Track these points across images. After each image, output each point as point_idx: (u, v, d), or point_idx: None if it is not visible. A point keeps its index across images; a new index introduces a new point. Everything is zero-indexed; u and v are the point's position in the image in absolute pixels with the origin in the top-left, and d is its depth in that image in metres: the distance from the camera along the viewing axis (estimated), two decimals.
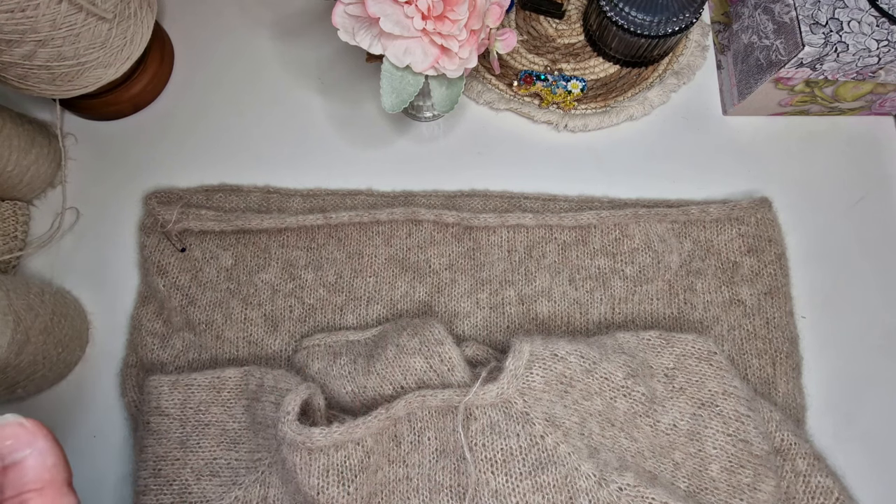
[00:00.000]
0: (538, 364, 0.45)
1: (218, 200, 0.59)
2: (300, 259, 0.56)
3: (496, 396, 0.44)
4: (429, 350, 0.47)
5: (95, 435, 0.53)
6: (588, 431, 0.45)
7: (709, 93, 0.62)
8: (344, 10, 0.44)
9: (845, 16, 0.50)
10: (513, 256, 0.56)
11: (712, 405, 0.47)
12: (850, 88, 0.56)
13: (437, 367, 0.46)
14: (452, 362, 0.46)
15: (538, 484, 0.43)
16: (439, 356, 0.46)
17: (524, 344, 0.45)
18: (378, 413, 0.44)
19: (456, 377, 0.46)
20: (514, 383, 0.44)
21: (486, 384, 0.44)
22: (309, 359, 0.51)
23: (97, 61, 0.53)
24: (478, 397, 0.44)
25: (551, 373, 0.45)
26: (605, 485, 0.43)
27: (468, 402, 0.44)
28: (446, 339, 0.47)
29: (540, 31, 0.63)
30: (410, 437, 0.46)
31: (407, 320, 0.52)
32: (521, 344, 0.45)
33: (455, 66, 0.45)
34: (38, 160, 0.57)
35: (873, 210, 0.58)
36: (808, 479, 0.48)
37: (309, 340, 0.52)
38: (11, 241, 0.56)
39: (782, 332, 0.54)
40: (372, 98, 0.62)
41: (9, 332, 0.45)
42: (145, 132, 0.61)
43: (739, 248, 0.56)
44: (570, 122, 0.60)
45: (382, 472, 0.46)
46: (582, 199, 0.58)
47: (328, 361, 0.50)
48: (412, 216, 0.56)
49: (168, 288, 0.55)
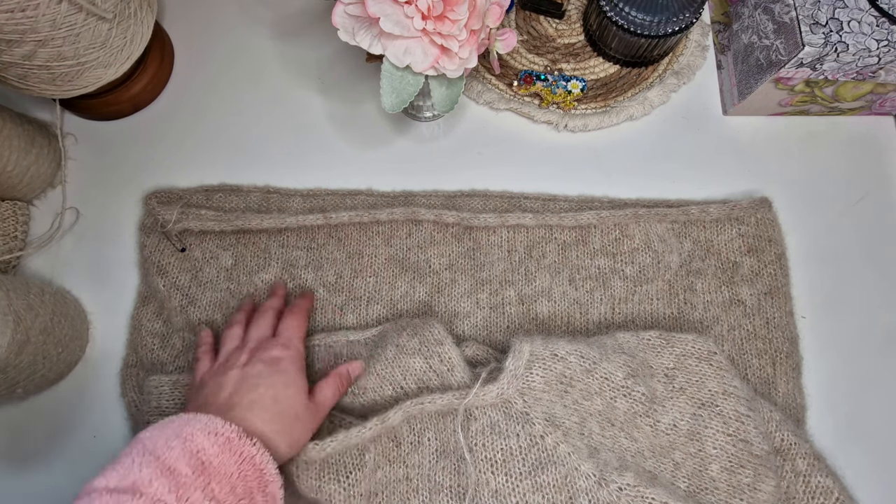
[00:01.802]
0: (538, 364, 0.45)
1: (218, 200, 0.59)
2: (300, 259, 0.56)
3: (496, 397, 0.44)
4: (428, 350, 0.47)
5: (95, 435, 0.53)
6: (588, 431, 0.45)
7: (709, 93, 0.62)
8: (344, 10, 0.44)
9: (845, 16, 0.50)
10: (513, 256, 0.56)
11: (712, 405, 0.47)
12: (850, 88, 0.56)
13: (436, 367, 0.46)
14: (452, 362, 0.46)
15: (538, 484, 0.43)
16: (439, 356, 0.46)
17: (524, 344, 0.45)
18: (373, 424, 0.44)
19: (455, 377, 0.46)
20: (514, 383, 0.44)
21: (486, 385, 0.44)
22: (309, 357, 0.51)
23: (97, 61, 0.53)
24: (478, 398, 0.44)
25: (551, 373, 0.45)
26: (605, 485, 0.42)
27: (468, 403, 0.44)
28: (446, 340, 0.47)
29: (540, 31, 0.63)
30: (410, 438, 0.46)
31: (407, 320, 0.52)
32: (521, 344, 0.45)
33: (455, 66, 0.45)
34: (38, 160, 0.57)
35: (873, 210, 0.58)
36: (808, 479, 0.48)
37: (309, 340, 0.52)
38: (11, 241, 0.56)
39: (782, 332, 0.54)
40: (372, 98, 0.62)
41: (9, 332, 0.45)
42: (145, 132, 0.61)
43: (739, 248, 0.56)
44: (570, 122, 0.60)
45: (382, 472, 0.46)
46: (582, 199, 0.58)
47: (329, 361, 0.50)
48: (412, 216, 0.56)
49: (168, 288, 0.55)
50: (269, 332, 0.46)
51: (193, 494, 0.33)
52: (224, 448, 0.35)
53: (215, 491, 0.34)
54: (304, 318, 0.48)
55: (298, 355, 0.44)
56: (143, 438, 0.35)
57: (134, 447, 0.35)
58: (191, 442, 0.35)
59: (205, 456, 0.34)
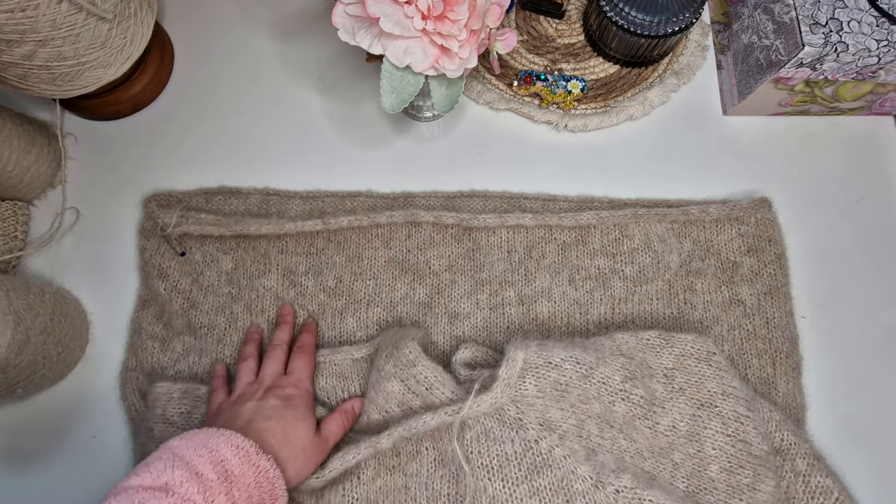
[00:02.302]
0: (531, 373, 0.45)
1: (217, 203, 0.58)
2: (300, 265, 0.56)
3: (490, 406, 0.44)
4: (403, 373, 0.47)
5: (95, 435, 0.53)
6: (586, 433, 0.45)
7: (709, 93, 0.62)
8: (344, 10, 0.44)
9: (845, 16, 0.50)
10: (512, 257, 0.56)
11: (711, 406, 0.47)
12: (850, 88, 0.56)
13: (414, 388, 0.46)
14: (429, 381, 0.46)
15: (534, 488, 0.43)
16: (414, 378, 0.46)
17: (518, 352, 0.45)
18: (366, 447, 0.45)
19: (436, 395, 0.46)
20: (506, 392, 0.44)
21: (480, 395, 0.44)
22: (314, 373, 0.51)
23: (97, 61, 0.53)
24: (472, 409, 0.44)
25: (545, 381, 0.45)
26: (602, 487, 0.43)
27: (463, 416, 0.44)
28: (419, 359, 0.47)
29: (540, 31, 0.63)
30: (409, 448, 0.47)
31: (391, 334, 0.51)
32: (516, 352, 0.45)
33: (455, 66, 0.45)
34: (38, 160, 0.57)
35: (873, 210, 0.58)
36: (808, 479, 0.48)
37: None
38: (11, 241, 0.56)
39: (782, 332, 0.54)
40: (372, 98, 0.62)
41: (9, 332, 0.45)
42: (145, 132, 0.61)
43: (739, 248, 0.56)
44: (570, 122, 0.60)
45: (382, 481, 0.46)
46: (581, 199, 0.58)
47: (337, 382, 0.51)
48: (411, 218, 0.56)
49: (169, 291, 0.55)
50: (281, 368, 0.50)
51: (218, 497, 0.37)
52: (244, 460, 0.39)
53: (236, 496, 0.38)
54: (312, 357, 0.51)
55: (308, 394, 0.48)
56: (172, 446, 0.39)
57: (164, 452, 0.39)
58: (216, 452, 0.39)
59: (228, 465, 0.39)
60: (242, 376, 0.49)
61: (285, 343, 0.52)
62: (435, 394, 0.46)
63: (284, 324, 0.54)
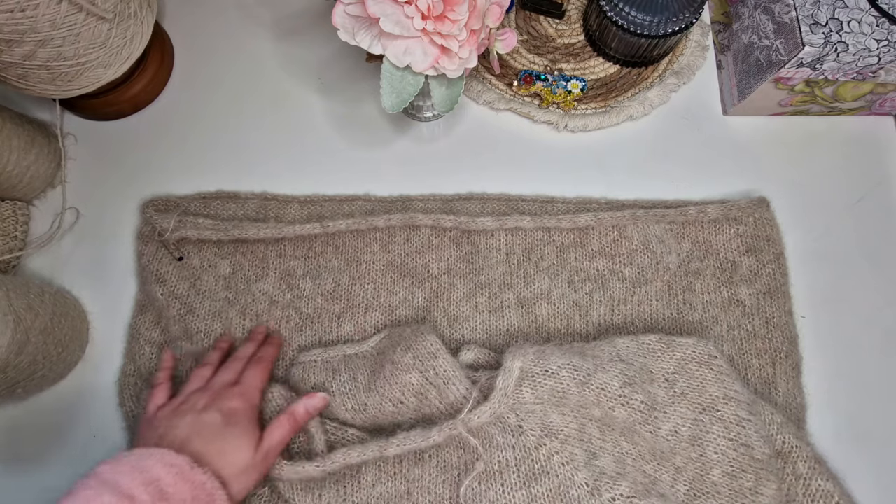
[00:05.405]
0: (528, 382, 0.45)
1: (216, 208, 0.58)
2: (298, 269, 0.56)
3: (490, 416, 0.44)
4: (423, 365, 0.47)
5: (95, 435, 0.53)
6: (588, 437, 0.45)
7: (709, 93, 0.62)
8: (344, 10, 0.44)
9: (845, 16, 0.50)
10: (511, 259, 0.56)
11: (713, 410, 0.47)
12: (850, 88, 0.56)
13: (433, 380, 0.46)
14: (448, 375, 0.46)
15: (532, 495, 0.44)
16: (434, 370, 0.46)
17: (515, 361, 0.45)
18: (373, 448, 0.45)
19: (452, 390, 0.46)
20: (504, 401, 0.44)
21: (478, 406, 0.44)
22: (306, 374, 0.51)
23: (97, 61, 0.53)
24: (471, 421, 0.44)
25: (542, 389, 0.45)
26: (598, 494, 0.43)
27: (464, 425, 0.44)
28: (439, 352, 0.47)
29: (540, 31, 0.63)
30: (411, 454, 0.47)
31: (401, 331, 0.51)
32: (513, 361, 0.45)
33: (455, 66, 0.45)
34: (38, 160, 0.57)
35: (873, 210, 0.58)
36: (809, 483, 0.48)
37: (306, 356, 0.52)
38: (11, 241, 0.56)
39: (782, 332, 0.54)
40: (372, 98, 0.62)
41: (9, 332, 0.45)
42: (145, 132, 0.61)
43: (738, 248, 0.56)
44: (570, 122, 0.60)
45: (383, 487, 0.46)
46: (580, 200, 0.58)
47: (326, 377, 0.50)
48: (410, 222, 0.55)
49: (166, 296, 0.55)
50: (234, 379, 0.48)
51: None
52: (179, 477, 0.39)
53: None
54: (267, 369, 0.50)
55: (253, 409, 0.47)
56: (100, 472, 0.38)
57: (92, 479, 0.38)
58: (148, 473, 0.38)
59: (162, 484, 0.38)
60: (193, 381, 0.48)
61: (247, 358, 0.50)
62: (451, 389, 0.46)
63: (252, 340, 0.53)
